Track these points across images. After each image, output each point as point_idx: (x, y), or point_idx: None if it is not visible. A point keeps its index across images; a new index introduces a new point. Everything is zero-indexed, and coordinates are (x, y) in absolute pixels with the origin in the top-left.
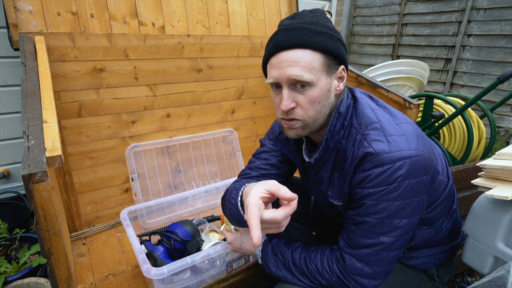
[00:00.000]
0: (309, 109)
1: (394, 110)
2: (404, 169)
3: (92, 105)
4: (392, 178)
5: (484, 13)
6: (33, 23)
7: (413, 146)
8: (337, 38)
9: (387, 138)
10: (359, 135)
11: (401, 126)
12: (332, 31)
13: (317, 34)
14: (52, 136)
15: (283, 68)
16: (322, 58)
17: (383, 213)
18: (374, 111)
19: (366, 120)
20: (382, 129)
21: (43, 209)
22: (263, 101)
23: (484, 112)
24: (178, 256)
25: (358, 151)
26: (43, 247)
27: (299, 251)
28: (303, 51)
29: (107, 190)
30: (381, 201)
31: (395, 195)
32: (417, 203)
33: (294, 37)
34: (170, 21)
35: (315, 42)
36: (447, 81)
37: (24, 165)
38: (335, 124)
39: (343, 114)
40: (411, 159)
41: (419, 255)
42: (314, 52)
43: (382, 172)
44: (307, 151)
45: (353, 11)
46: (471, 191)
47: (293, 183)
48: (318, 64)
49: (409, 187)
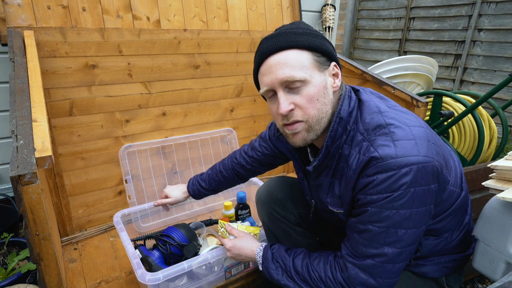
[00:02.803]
0: (309, 108)
1: (406, 112)
2: (410, 176)
3: (84, 103)
4: (397, 185)
5: (495, 7)
6: (22, 17)
7: (422, 151)
8: (321, 36)
9: (394, 142)
10: (366, 142)
11: (412, 129)
12: (315, 32)
13: (300, 35)
14: (42, 135)
15: (273, 72)
16: (310, 55)
17: (386, 222)
18: (383, 113)
19: (374, 125)
20: (390, 134)
21: (33, 212)
22: (263, 99)
23: (495, 110)
24: (174, 261)
25: (364, 157)
26: (33, 252)
27: (301, 257)
28: (289, 51)
29: (99, 192)
30: (384, 209)
31: (400, 204)
32: (424, 212)
33: (278, 41)
34: (165, 15)
35: (300, 41)
36: (457, 78)
37: (12, 166)
38: (336, 129)
39: (345, 119)
40: (418, 166)
41: (427, 262)
42: (301, 51)
43: (387, 178)
44: (312, 154)
45: (358, 5)
46: (482, 193)
47: (299, 186)
48: (307, 61)
49: (415, 196)
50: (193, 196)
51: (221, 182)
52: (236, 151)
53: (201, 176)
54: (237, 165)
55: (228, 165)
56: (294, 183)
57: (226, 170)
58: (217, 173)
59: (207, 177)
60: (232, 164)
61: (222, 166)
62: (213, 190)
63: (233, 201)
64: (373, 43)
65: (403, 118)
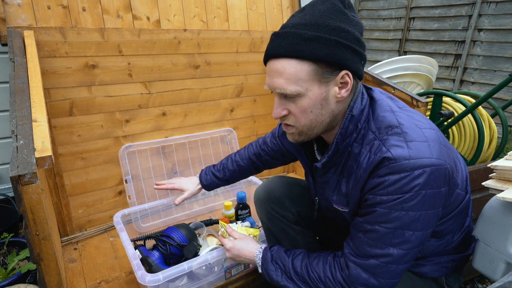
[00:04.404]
0: (300, 118)
1: (417, 113)
2: (423, 178)
3: (84, 103)
4: (409, 187)
5: (495, 7)
6: (22, 17)
7: (435, 154)
8: (335, 41)
9: (407, 143)
10: (377, 141)
11: (424, 131)
12: (328, 35)
13: (307, 41)
14: (42, 135)
15: (271, 77)
16: (311, 66)
17: (394, 223)
18: (395, 113)
19: (386, 124)
20: (403, 134)
21: (33, 212)
22: (263, 99)
23: (495, 110)
24: (174, 262)
25: (375, 156)
26: (33, 252)
27: (300, 258)
28: (288, 61)
29: (99, 192)
30: (393, 210)
31: (410, 205)
32: (432, 215)
33: (280, 46)
34: (165, 15)
35: (302, 51)
36: (457, 78)
37: (12, 166)
38: (347, 126)
39: (357, 116)
40: (431, 168)
41: (426, 262)
42: (301, 62)
43: (399, 179)
44: (319, 151)
45: (358, 5)
46: (482, 193)
47: (298, 185)
48: (305, 74)
49: (425, 198)
50: (205, 187)
51: (235, 171)
52: (252, 143)
53: (213, 167)
54: (253, 155)
55: (244, 154)
56: (293, 182)
57: (242, 160)
58: (233, 162)
59: (221, 167)
60: (248, 153)
61: (238, 155)
62: (226, 181)
63: (233, 201)
64: (373, 43)
65: (414, 119)
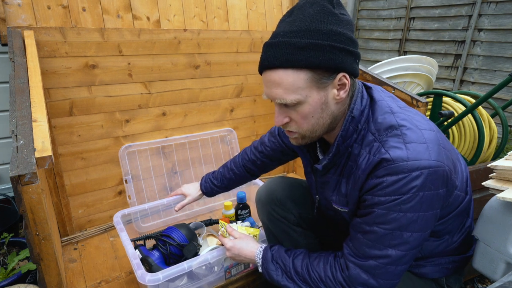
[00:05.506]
0: (303, 123)
1: (417, 114)
2: (421, 180)
3: (84, 103)
4: (406, 188)
5: (495, 7)
6: (22, 17)
7: (433, 156)
8: (329, 46)
9: (406, 145)
10: (377, 142)
11: (424, 132)
12: (321, 40)
13: (301, 50)
14: (42, 135)
15: (268, 88)
16: (309, 75)
17: (392, 224)
18: (395, 114)
19: (386, 125)
20: (402, 135)
21: (33, 212)
22: (263, 99)
23: (495, 110)
24: (174, 262)
25: (374, 158)
26: (33, 252)
27: (300, 258)
28: (284, 71)
29: (99, 192)
30: (391, 211)
31: (408, 207)
32: (430, 216)
33: (274, 57)
34: (165, 15)
35: (297, 61)
36: (457, 78)
37: (12, 166)
38: (348, 127)
39: (357, 117)
40: (429, 170)
41: (427, 263)
42: (298, 71)
43: (397, 180)
44: (321, 149)
45: (358, 5)
46: (482, 193)
47: (299, 186)
48: (303, 82)
49: (423, 200)
50: (206, 194)
51: (232, 179)
52: (247, 148)
53: (213, 174)
54: (248, 161)
55: (239, 162)
56: (294, 183)
57: (237, 168)
58: (228, 170)
59: (218, 175)
60: (243, 161)
61: (233, 163)
62: (225, 188)
63: (233, 201)
64: (373, 43)
65: (414, 120)
